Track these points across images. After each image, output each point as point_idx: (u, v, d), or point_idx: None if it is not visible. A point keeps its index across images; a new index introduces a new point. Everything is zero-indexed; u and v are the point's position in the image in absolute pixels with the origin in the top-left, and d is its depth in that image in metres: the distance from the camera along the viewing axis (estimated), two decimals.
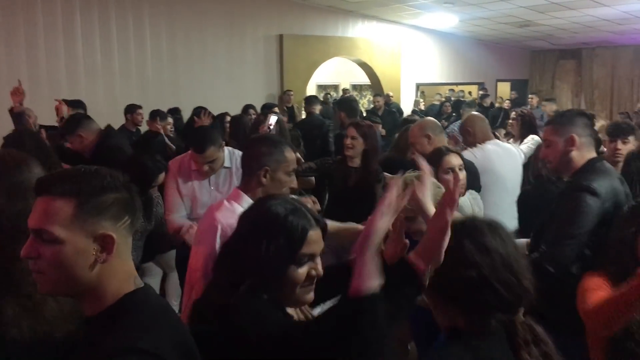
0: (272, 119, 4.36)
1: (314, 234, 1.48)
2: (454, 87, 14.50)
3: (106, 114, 5.07)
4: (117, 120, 6.65)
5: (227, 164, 3.47)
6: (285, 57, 10.98)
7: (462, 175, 2.96)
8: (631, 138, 3.78)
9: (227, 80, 10.07)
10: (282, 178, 2.36)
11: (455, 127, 7.38)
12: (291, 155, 2.40)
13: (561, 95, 15.77)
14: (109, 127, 4.36)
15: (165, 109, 6.92)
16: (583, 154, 2.58)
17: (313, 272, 1.49)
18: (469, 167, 3.29)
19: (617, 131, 3.84)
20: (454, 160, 2.99)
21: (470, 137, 4.01)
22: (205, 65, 9.93)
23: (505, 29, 12.61)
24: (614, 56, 14.60)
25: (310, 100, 7.40)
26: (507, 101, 12.84)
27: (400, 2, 10.49)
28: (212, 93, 9.42)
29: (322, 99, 12.72)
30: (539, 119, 10.82)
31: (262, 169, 2.32)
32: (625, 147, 3.74)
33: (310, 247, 1.47)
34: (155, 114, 6.24)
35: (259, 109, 7.11)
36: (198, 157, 3.34)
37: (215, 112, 6.80)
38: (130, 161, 3.54)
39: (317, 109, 7.28)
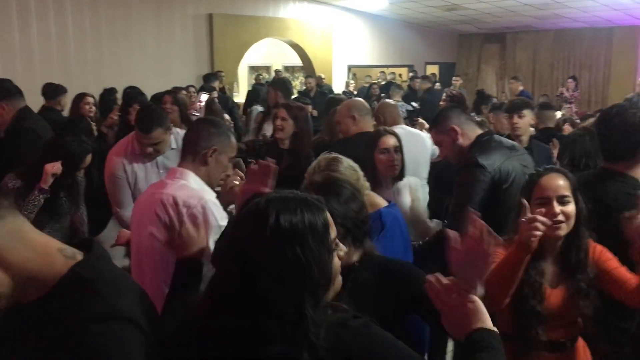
0: (203, 97, 4.29)
1: (328, 215, 1.31)
2: (384, 69, 14.69)
3: (25, 93, 4.77)
4: (37, 100, 6.32)
5: (173, 145, 3.37)
6: (216, 37, 10.78)
7: (397, 156, 3.01)
8: (527, 112, 4.12)
9: (154, 60, 9.78)
10: (224, 162, 2.40)
11: None
12: (235, 142, 2.47)
13: (486, 78, 16.31)
14: (25, 108, 4.12)
15: (89, 90, 6.61)
16: (469, 136, 2.79)
17: (341, 254, 1.39)
18: None
19: (513, 107, 4.19)
20: (390, 141, 3.03)
21: (380, 124, 4.10)
22: (131, 44, 9.59)
23: (433, 12, 12.87)
24: (535, 41, 15.19)
25: (207, 78, 7.54)
26: (438, 84, 13.16)
27: None
28: (139, 73, 9.07)
29: (254, 80, 12.65)
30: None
31: (210, 148, 2.34)
32: (522, 121, 4.08)
33: (332, 229, 1.30)
34: (81, 96, 5.94)
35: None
36: (143, 137, 3.17)
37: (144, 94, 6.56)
38: (53, 144, 3.38)
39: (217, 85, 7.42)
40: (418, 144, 4.01)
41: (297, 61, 13.34)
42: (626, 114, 2.33)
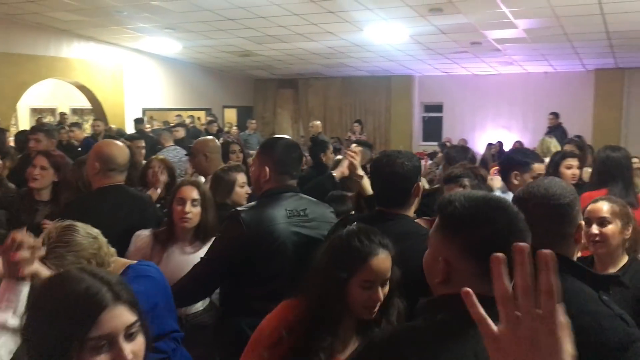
0: None
1: None
2: (182, 112, 14.50)
3: None
4: None
5: None
6: None
7: (195, 209, 2.92)
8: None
9: None
10: None
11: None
12: None
13: (282, 121, 16.95)
14: None
15: None
16: (269, 186, 2.62)
17: None
18: None
19: None
20: (188, 192, 2.91)
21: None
22: None
23: (228, 57, 13.07)
24: (325, 86, 16.21)
25: None
26: (235, 127, 13.32)
27: (119, 25, 10.12)
28: None
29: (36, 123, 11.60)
30: (255, 144, 11.42)
31: None
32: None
33: None
34: None
35: None
36: None
37: None
38: None
39: None
40: None
41: (87, 103, 12.56)
42: (395, 164, 2.39)
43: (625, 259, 2.58)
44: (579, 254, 2.44)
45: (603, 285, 1.77)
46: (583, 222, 1.89)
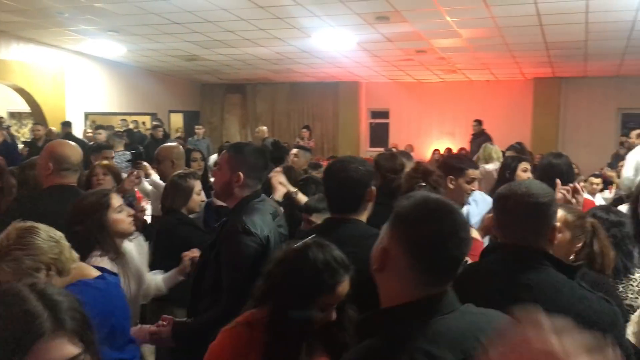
0: None
1: None
2: (126, 117, 14.16)
3: None
4: None
5: None
6: None
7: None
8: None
9: None
10: None
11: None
12: None
13: (230, 126, 16.83)
14: None
15: None
16: (243, 191, 2.62)
17: None
18: None
19: None
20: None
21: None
22: None
23: (174, 61, 12.89)
24: (273, 92, 16.20)
25: None
26: (180, 131, 13.14)
27: (60, 26, 9.82)
28: None
29: None
30: (205, 147, 11.29)
31: None
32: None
33: None
34: None
35: None
36: None
37: None
38: None
39: None
40: None
41: (25, 107, 12.11)
42: (349, 169, 2.39)
43: None
44: None
45: (573, 274, 1.89)
46: (558, 224, 2.00)
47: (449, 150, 13.44)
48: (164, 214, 3.66)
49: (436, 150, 13.67)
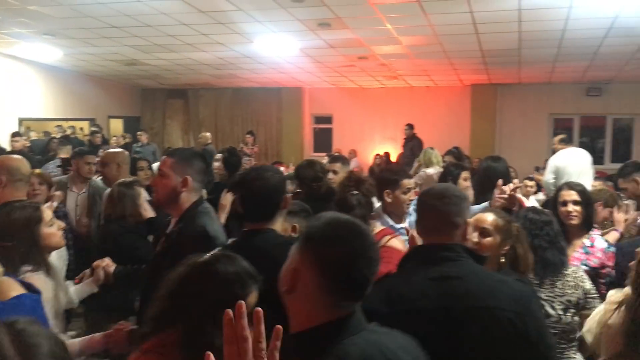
0: None
1: None
2: (63, 122, 13.71)
3: None
4: None
5: None
6: None
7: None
8: None
9: None
10: None
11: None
12: None
13: (172, 132, 16.59)
14: None
15: None
16: (191, 196, 2.60)
17: None
18: None
19: None
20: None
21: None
22: None
23: (113, 66, 12.60)
24: (216, 97, 16.06)
25: None
26: (117, 137, 12.83)
27: None
28: None
29: None
30: (151, 153, 11.12)
31: None
32: None
33: None
34: None
35: None
36: None
37: None
38: None
39: None
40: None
41: None
42: (265, 177, 2.38)
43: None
44: None
45: (483, 262, 2.08)
46: (490, 228, 2.36)
47: (386, 154, 13.70)
48: (107, 222, 3.60)
49: (377, 154, 13.89)
